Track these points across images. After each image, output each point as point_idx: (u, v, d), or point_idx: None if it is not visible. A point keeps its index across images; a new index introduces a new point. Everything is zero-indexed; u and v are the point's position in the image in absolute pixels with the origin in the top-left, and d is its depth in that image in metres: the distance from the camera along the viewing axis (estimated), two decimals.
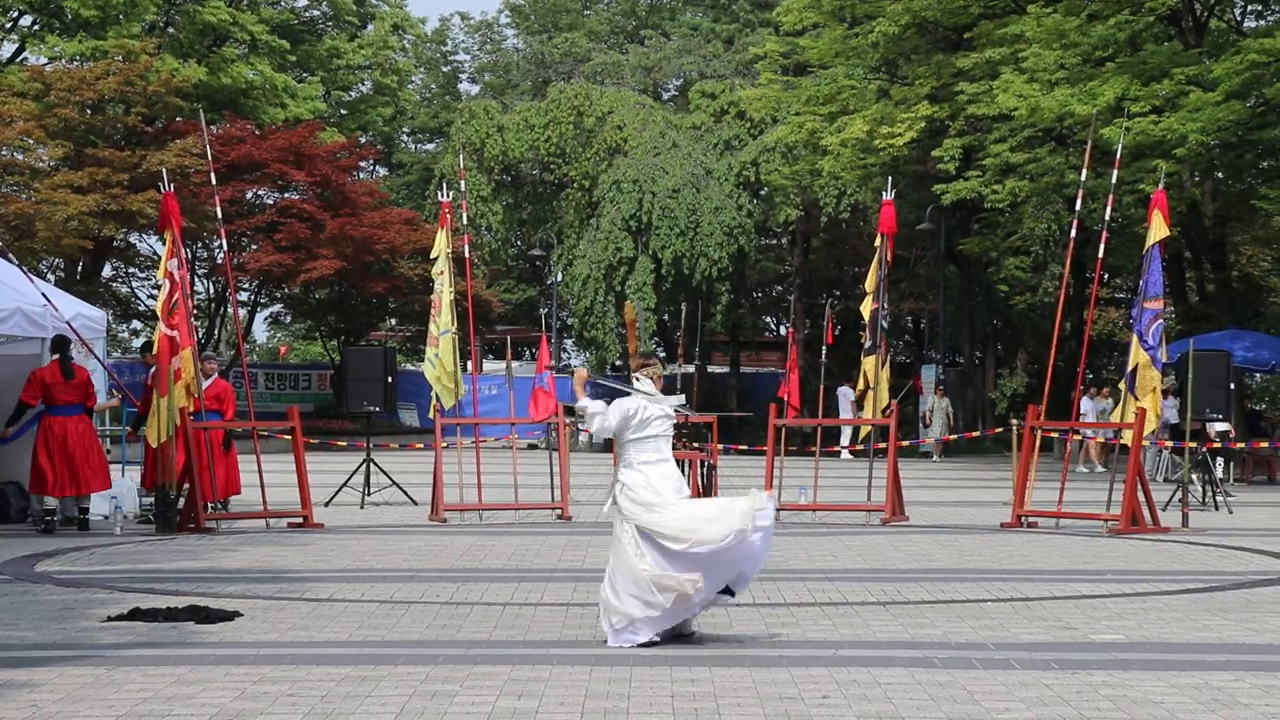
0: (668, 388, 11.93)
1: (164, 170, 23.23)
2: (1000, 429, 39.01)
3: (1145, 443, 21.12)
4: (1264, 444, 31.68)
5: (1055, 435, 29.86)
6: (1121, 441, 21.09)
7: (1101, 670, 9.86)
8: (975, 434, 42.82)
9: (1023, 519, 20.54)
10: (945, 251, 47.57)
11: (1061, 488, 21.38)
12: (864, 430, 22.83)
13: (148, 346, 23.36)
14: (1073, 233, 22.24)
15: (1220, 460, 26.18)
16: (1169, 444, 29.80)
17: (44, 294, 20.47)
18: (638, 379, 11.43)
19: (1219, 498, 23.78)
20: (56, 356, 19.68)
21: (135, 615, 11.84)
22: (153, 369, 20.15)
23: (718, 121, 54.90)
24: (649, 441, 11.15)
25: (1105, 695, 9.09)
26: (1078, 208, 22.66)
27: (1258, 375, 44.90)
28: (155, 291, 37.98)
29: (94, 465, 19.73)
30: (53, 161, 44.24)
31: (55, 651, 10.44)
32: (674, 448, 22.22)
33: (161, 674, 9.59)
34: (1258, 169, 39.42)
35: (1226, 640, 11.17)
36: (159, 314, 19.78)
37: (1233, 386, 24.29)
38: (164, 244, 20.20)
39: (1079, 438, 33.89)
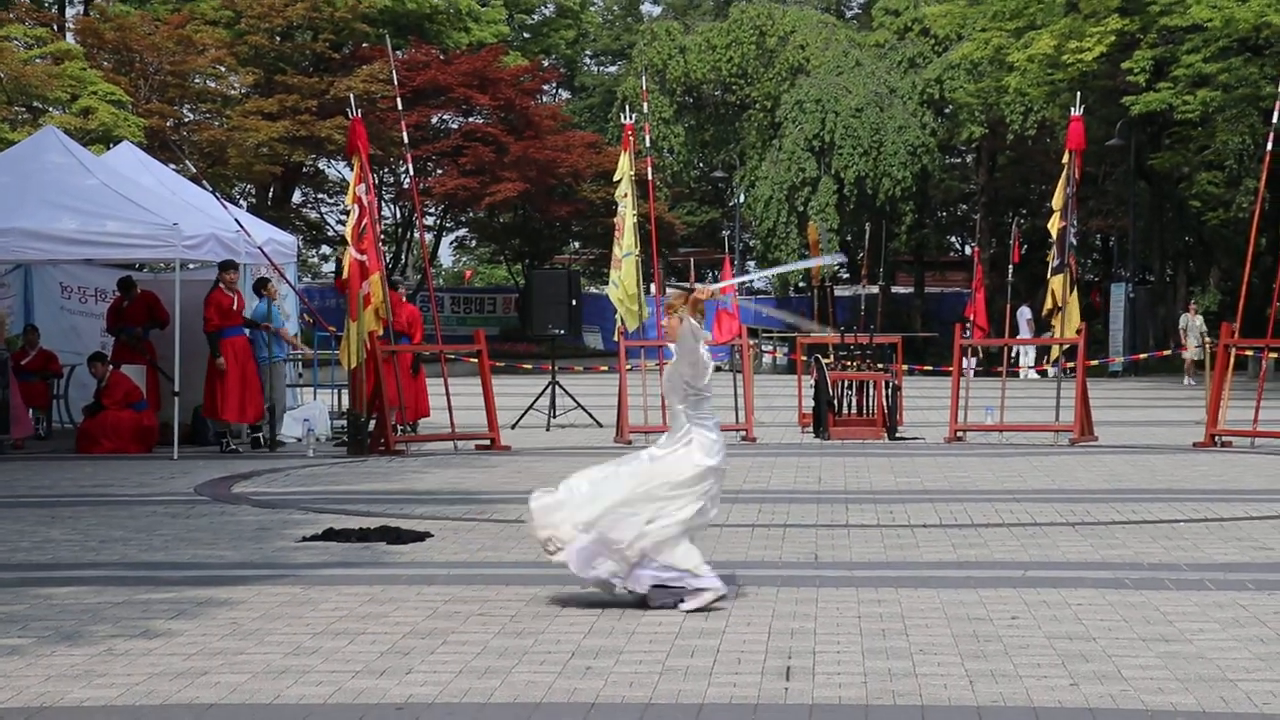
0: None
1: (351, 96, 23.51)
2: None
3: None
4: None
5: (1250, 353, 29.22)
6: None
7: None
8: (1167, 352, 42.03)
9: (1216, 438, 20.18)
10: (1135, 167, 46.67)
11: (1257, 406, 20.93)
12: (1054, 350, 22.54)
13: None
14: (1269, 146, 21.65)
15: None
16: None
17: (237, 220, 20.85)
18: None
19: None
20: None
21: (329, 535, 12.07)
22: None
23: (901, 39, 54.28)
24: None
25: None
26: (1275, 120, 22.04)
27: None
28: (344, 217, 38.59)
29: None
30: (243, 88, 45.04)
31: (253, 571, 10.68)
32: (857, 368, 22.31)
33: (355, 593, 9.78)
34: None
35: None
36: (348, 239, 20.05)
37: None
38: (352, 169, 20.46)
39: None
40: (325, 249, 60.54)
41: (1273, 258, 43.48)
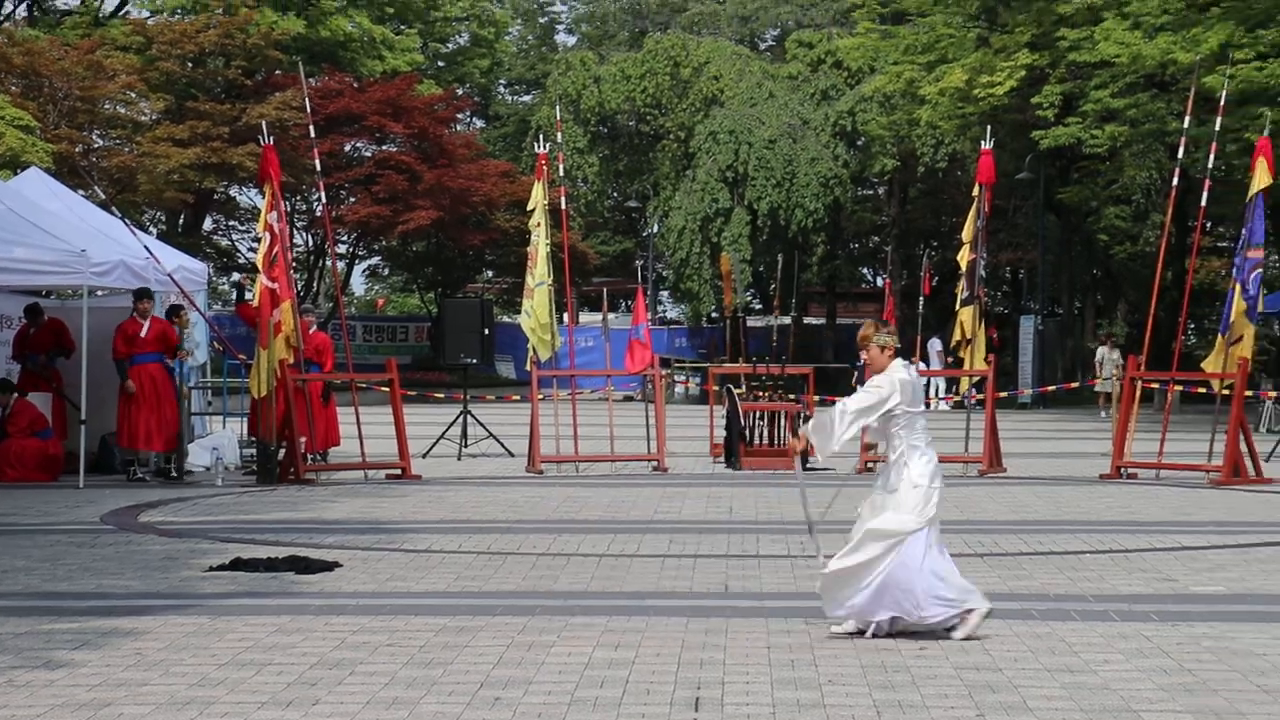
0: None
1: (264, 123, 23.38)
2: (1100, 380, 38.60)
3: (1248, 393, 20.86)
4: None
5: (1156, 386, 29.52)
6: (1224, 392, 20.79)
7: (1203, 622, 9.78)
8: (1074, 385, 42.40)
9: (1122, 470, 20.38)
10: (1044, 201, 47.16)
11: (1162, 438, 21.14)
12: (963, 381, 22.70)
13: None
14: (1175, 181, 21.97)
15: None
16: (1274, 394, 29.45)
17: (146, 246, 20.69)
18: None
19: None
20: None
21: (237, 565, 11.98)
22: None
23: (815, 71, 54.58)
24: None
25: (1206, 647, 9.02)
26: (1180, 156, 22.34)
27: None
28: (255, 244, 38.38)
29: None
30: (154, 115, 44.70)
31: (159, 600, 10.58)
32: (769, 399, 22.36)
33: (263, 623, 9.71)
34: None
35: None
36: (259, 266, 19.94)
37: None
38: (264, 197, 20.37)
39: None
40: (236, 276, 60.12)
41: (1179, 291, 43.97)
